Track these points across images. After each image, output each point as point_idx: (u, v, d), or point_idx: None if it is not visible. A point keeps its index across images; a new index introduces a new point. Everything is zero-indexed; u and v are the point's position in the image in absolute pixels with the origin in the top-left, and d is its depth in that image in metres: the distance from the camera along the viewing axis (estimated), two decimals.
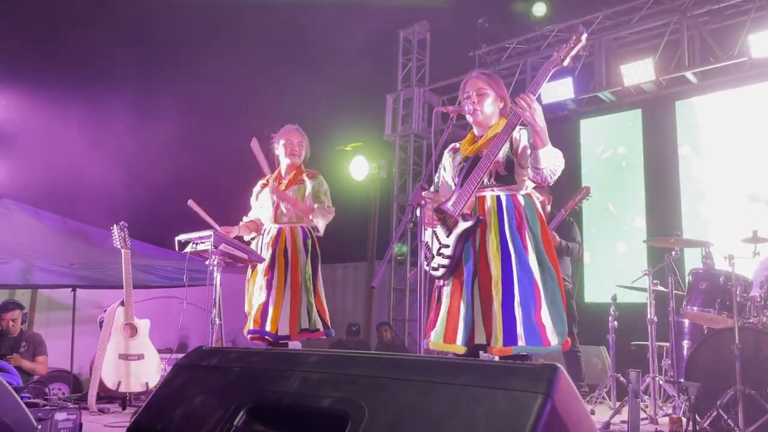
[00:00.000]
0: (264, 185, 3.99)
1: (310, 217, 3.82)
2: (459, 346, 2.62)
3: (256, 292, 3.81)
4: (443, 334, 2.66)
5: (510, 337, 2.53)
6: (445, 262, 2.71)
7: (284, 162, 3.98)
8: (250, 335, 3.74)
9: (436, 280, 2.78)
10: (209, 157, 7.82)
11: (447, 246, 2.71)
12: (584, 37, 2.65)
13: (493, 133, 2.81)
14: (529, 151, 2.66)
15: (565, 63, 2.68)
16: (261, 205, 3.96)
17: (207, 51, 8.44)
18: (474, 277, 2.68)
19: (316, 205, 3.82)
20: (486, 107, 2.84)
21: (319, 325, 3.79)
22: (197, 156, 7.65)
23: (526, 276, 2.61)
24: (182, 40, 8.16)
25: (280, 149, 3.98)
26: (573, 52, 2.66)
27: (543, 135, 2.54)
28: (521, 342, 2.53)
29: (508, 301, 2.57)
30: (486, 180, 2.71)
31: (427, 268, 2.76)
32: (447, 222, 2.74)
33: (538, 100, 2.59)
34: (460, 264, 2.71)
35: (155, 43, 8.15)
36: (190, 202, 3.74)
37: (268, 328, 3.66)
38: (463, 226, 2.69)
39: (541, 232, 2.71)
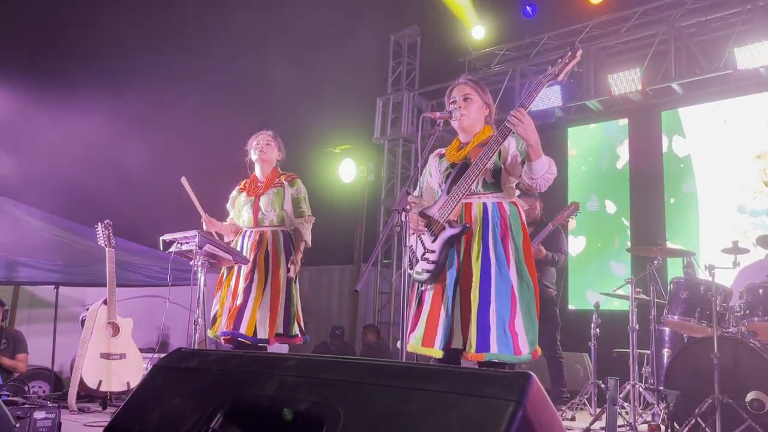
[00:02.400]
0: (241, 190, 3.98)
1: (306, 240, 3.85)
2: (436, 350, 2.65)
3: (229, 294, 3.78)
4: (422, 338, 2.68)
5: (483, 344, 2.56)
6: (430, 267, 2.73)
7: (257, 165, 3.97)
8: (222, 337, 3.70)
9: (417, 284, 2.80)
10: (197, 157, 7.79)
11: (432, 251, 2.73)
12: (580, 53, 2.68)
13: (479, 140, 2.83)
14: (520, 159, 2.69)
15: (560, 78, 2.71)
16: (239, 209, 3.94)
17: (196, 51, 8.43)
18: (456, 283, 2.70)
19: (297, 224, 3.84)
20: (472, 113, 2.86)
21: (297, 331, 3.78)
22: (185, 156, 7.62)
23: (504, 285, 2.64)
24: (174, 40, 8.13)
25: (251, 154, 3.97)
26: (568, 68, 2.69)
27: (537, 148, 2.58)
28: (493, 349, 2.56)
29: (484, 309, 2.60)
30: (473, 187, 2.73)
31: (411, 273, 2.78)
32: (432, 227, 2.76)
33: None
34: (443, 270, 2.73)
35: (144, 41, 8.11)
36: (183, 180, 3.73)
37: (243, 330, 3.61)
38: (449, 232, 2.71)
39: (523, 242, 2.75)
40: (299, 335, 3.79)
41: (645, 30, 7.60)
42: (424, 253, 2.75)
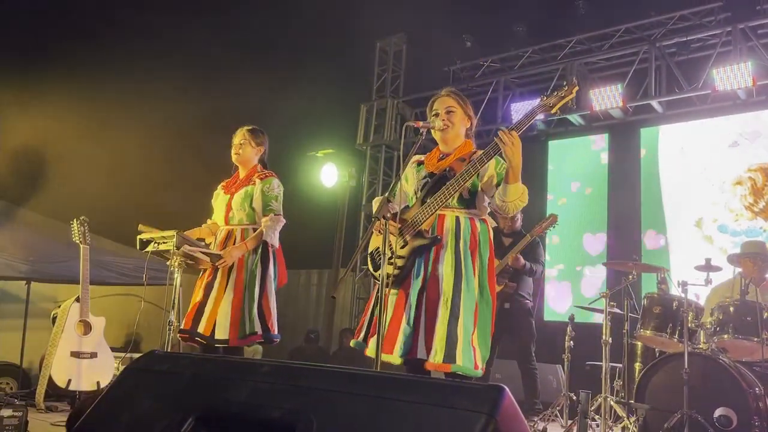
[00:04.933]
0: (223, 187, 3.93)
1: (266, 239, 3.65)
2: (395, 357, 2.65)
3: (199, 293, 3.68)
4: (382, 343, 2.67)
5: (449, 355, 2.56)
6: (396, 272, 2.74)
7: (239, 166, 3.92)
8: (179, 335, 3.55)
9: (377, 286, 2.78)
10: (178, 156, 7.73)
11: (401, 257, 2.75)
12: (575, 90, 2.70)
13: (459, 153, 2.85)
14: (495, 181, 2.72)
15: (553, 111, 2.74)
16: (217, 206, 3.89)
17: (182, 53, 8.36)
18: (422, 291, 2.71)
19: (262, 222, 3.67)
20: (455, 125, 2.87)
21: (257, 328, 3.55)
22: (165, 155, 7.55)
23: (470, 298, 2.67)
24: (158, 39, 8.07)
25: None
26: (562, 102, 2.70)
27: (517, 171, 2.60)
28: (459, 362, 2.57)
29: (453, 320, 2.61)
30: (450, 201, 2.74)
31: (373, 273, 2.79)
32: (403, 233, 2.77)
33: (508, 119, 2.65)
34: (409, 276, 2.74)
35: (133, 39, 8.04)
36: (141, 227, 3.60)
37: (200, 329, 3.49)
38: (419, 242, 2.73)
39: (489, 259, 2.78)
40: (258, 332, 3.56)
41: (627, 47, 7.73)
42: (391, 257, 2.76)
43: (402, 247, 2.76)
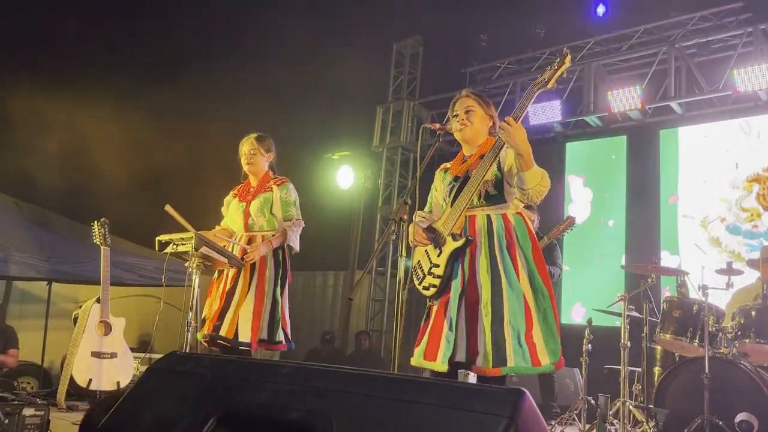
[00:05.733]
0: (234, 195, 3.96)
1: (286, 243, 3.73)
2: (440, 363, 2.60)
3: (217, 297, 3.72)
4: (424, 352, 2.66)
5: (499, 359, 2.52)
6: (436, 281, 2.71)
7: (249, 174, 3.95)
8: (204, 340, 3.62)
9: (428, 299, 2.79)
10: (196, 158, 7.80)
11: (437, 266, 2.72)
12: (568, 59, 2.65)
13: (480, 152, 2.83)
14: (515, 170, 2.67)
15: (550, 85, 2.71)
16: (231, 214, 3.91)
17: (201, 56, 8.44)
18: (461, 296, 2.67)
19: (285, 227, 3.73)
20: (474, 124, 2.86)
21: (281, 337, 3.65)
22: (184, 157, 7.63)
23: (516, 296, 2.61)
24: (179, 45, 8.16)
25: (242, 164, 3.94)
26: (557, 74, 2.66)
27: (528, 158, 2.55)
28: (510, 363, 2.52)
29: (498, 323, 2.57)
30: (476, 200, 2.72)
31: (418, 287, 2.77)
32: (438, 241, 2.76)
33: (525, 121, 2.63)
34: (449, 283, 2.71)
35: (151, 41, 8.13)
36: (168, 207, 3.68)
37: (222, 332, 3.55)
38: (452, 245, 2.70)
39: (533, 250, 2.70)
40: (283, 342, 3.67)
41: (646, 48, 7.66)
42: (430, 268, 2.75)
43: (438, 255, 2.73)
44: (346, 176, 9.57)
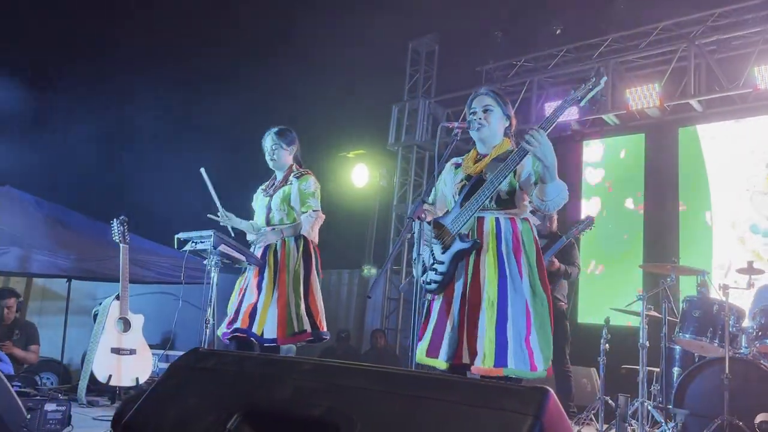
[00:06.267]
0: (263, 190, 3.99)
1: (303, 233, 3.73)
2: (441, 361, 2.63)
3: (247, 292, 3.74)
4: (426, 348, 2.68)
5: (500, 359, 2.54)
6: (438, 278, 2.72)
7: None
8: (231, 334, 3.63)
9: (427, 294, 2.79)
10: (213, 157, 7.85)
11: (441, 263, 2.73)
12: (603, 80, 2.61)
13: (496, 153, 2.81)
14: (533, 180, 2.66)
15: (582, 104, 2.69)
16: (257, 209, 3.95)
17: (218, 54, 8.50)
18: (464, 296, 2.68)
19: (301, 218, 3.74)
20: (491, 124, 2.83)
21: (306, 326, 3.63)
22: (203, 155, 7.69)
23: (519, 300, 2.62)
24: (193, 42, 8.21)
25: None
26: (590, 95, 2.64)
27: (552, 170, 2.54)
28: (511, 364, 2.54)
29: (501, 323, 2.58)
30: (487, 203, 2.71)
31: (422, 281, 2.78)
32: (443, 238, 2.76)
33: (541, 120, 2.60)
34: (451, 282, 2.72)
35: (167, 41, 8.19)
36: (202, 171, 3.73)
37: (255, 329, 3.57)
38: (459, 246, 2.70)
39: (536, 257, 2.72)
40: (307, 330, 3.64)
41: (664, 45, 7.58)
42: (433, 264, 2.75)
43: (442, 253, 2.74)
44: (361, 175, 9.59)
